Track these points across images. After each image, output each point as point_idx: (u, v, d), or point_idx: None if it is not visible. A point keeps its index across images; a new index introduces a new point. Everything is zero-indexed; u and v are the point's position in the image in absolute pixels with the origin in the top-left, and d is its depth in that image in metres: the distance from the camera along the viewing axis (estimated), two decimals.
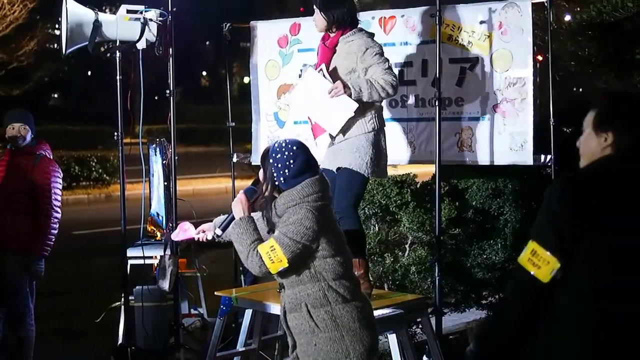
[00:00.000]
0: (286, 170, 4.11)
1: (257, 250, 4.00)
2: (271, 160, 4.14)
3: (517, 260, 3.10)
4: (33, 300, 6.29)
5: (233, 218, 4.22)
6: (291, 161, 4.12)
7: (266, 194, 4.21)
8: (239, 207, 4.20)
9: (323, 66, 5.44)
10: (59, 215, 6.25)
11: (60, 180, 6.32)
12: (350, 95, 5.28)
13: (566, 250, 2.98)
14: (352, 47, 5.46)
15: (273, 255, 3.95)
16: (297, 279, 4.07)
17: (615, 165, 3.11)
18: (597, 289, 2.99)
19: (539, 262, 3.01)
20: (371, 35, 5.60)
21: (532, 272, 3.02)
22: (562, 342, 3.01)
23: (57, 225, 6.26)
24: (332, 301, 4.03)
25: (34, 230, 6.13)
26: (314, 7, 5.56)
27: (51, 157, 6.40)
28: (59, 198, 6.27)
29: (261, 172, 4.28)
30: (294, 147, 4.18)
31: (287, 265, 3.96)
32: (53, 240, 6.22)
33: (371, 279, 5.85)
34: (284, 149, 4.14)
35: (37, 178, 6.16)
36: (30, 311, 6.27)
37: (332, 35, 5.55)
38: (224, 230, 4.39)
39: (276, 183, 4.15)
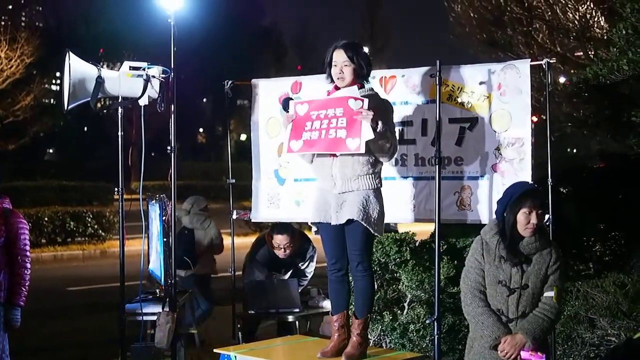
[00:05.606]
0: None
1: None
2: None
3: None
4: (7, 352, 6.25)
5: None
6: None
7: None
8: None
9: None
10: (30, 266, 6.30)
11: (27, 231, 6.34)
12: (375, 128, 5.36)
13: None
14: (372, 99, 5.54)
15: None
16: None
17: None
18: None
19: None
20: None
21: None
22: None
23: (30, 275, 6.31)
24: None
25: (11, 281, 6.13)
26: (346, 57, 5.57)
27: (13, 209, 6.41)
28: (29, 248, 6.30)
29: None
30: None
31: None
32: (28, 289, 6.24)
33: (369, 337, 5.83)
34: None
35: (11, 232, 6.16)
36: None
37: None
38: None
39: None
